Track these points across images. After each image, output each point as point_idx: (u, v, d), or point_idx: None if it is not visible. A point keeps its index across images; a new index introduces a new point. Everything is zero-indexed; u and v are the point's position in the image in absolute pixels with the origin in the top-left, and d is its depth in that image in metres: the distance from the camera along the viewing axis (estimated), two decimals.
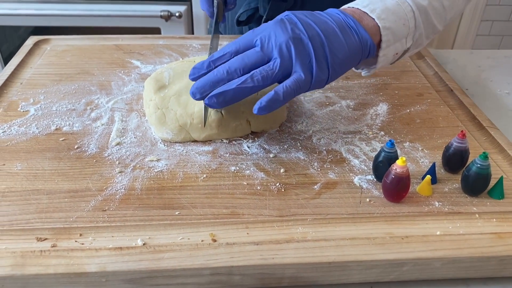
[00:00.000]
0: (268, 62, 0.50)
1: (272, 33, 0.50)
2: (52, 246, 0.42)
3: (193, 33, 1.57)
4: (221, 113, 0.56)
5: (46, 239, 0.43)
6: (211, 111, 0.56)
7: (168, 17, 1.48)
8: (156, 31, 1.52)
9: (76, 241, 0.43)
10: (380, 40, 0.54)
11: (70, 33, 0.87)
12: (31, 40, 0.82)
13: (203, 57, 0.66)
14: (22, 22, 1.56)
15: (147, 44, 0.83)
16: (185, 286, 0.42)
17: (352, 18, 0.53)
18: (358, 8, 0.55)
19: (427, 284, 0.45)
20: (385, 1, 0.55)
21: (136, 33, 0.88)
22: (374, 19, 0.54)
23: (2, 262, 0.40)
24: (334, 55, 0.51)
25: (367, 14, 0.54)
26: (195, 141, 0.57)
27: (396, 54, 0.57)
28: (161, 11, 1.47)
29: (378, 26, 0.54)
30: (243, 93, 0.49)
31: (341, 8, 0.57)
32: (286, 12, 0.53)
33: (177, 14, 1.48)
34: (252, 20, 0.90)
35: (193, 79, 0.52)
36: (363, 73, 0.61)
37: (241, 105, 0.56)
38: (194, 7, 1.52)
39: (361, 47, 0.53)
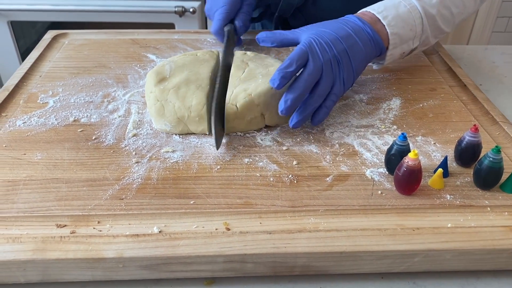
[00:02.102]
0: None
1: (317, 53, 0.57)
2: (71, 233, 0.43)
3: (206, 29, 1.58)
4: (236, 106, 0.57)
5: (65, 225, 0.44)
6: (226, 106, 0.57)
7: (182, 12, 1.49)
8: (170, 26, 1.53)
9: (94, 228, 0.44)
10: (388, 43, 0.63)
11: (86, 28, 0.88)
12: (50, 34, 0.84)
13: (207, 51, 0.67)
14: (39, 18, 1.58)
15: (163, 39, 0.84)
16: (199, 273, 0.43)
17: (369, 26, 0.61)
18: (374, 14, 0.63)
19: (438, 275, 0.45)
20: (397, 8, 0.64)
21: (151, 29, 0.89)
22: (384, 25, 0.62)
23: (24, 247, 0.42)
24: (357, 63, 0.59)
25: (380, 20, 0.62)
26: (209, 133, 0.58)
27: (403, 53, 0.67)
28: (175, 7, 1.48)
29: (387, 31, 0.62)
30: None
31: (359, 12, 0.65)
32: (318, 34, 0.59)
33: (191, 10, 1.49)
34: (264, 16, 0.90)
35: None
36: (374, 66, 0.72)
37: (256, 99, 0.57)
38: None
39: (375, 51, 0.62)
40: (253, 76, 0.61)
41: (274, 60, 0.65)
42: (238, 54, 0.67)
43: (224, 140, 0.57)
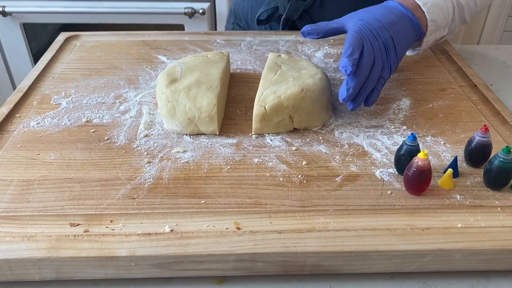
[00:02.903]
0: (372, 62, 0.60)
1: (368, 41, 0.60)
2: (85, 231, 0.44)
3: (216, 30, 1.59)
4: (265, 108, 0.57)
5: (78, 224, 0.45)
6: (255, 107, 0.58)
7: (191, 14, 1.50)
8: (180, 27, 1.54)
9: (107, 227, 0.45)
10: (426, 29, 0.67)
11: (96, 30, 0.89)
12: (62, 36, 0.86)
13: (217, 53, 0.68)
14: (50, 20, 1.60)
15: (173, 40, 0.85)
16: (210, 271, 0.44)
17: (411, 12, 0.64)
18: (414, 0, 0.66)
19: (448, 275, 0.45)
20: None
21: (160, 30, 0.90)
22: (424, 12, 0.66)
23: (39, 245, 0.43)
24: (400, 48, 0.62)
25: (420, 6, 0.66)
26: (220, 134, 0.59)
27: (436, 40, 0.71)
28: (185, 8, 1.49)
29: (426, 18, 0.66)
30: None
31: None
32: (365, 20, 0.61)
33: (200, 11, 1.50)
34: (272, 19, 0.91)
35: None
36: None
37: (285, 101, 0.57)
38: (217, 4, 1.54)
39: (415, 36, 0.66)
40: (284, 79, 0.61)
41: (307, 63, 0.66)
42: (272, 56, 0.68)
43: (234, 141, 0.58)
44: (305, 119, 0.59)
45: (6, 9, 1.51)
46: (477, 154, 0.52)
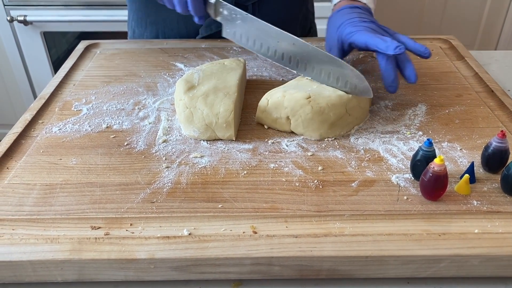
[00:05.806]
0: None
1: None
2: (105, 234, 0.45)
3: None
4: (268, 101, 0.61)
5: (99, 227, 0.46)
6: (263, 97, 0.62)
7: None
8: None
9: (127, 230, 0.46)
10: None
11: (114, 38, 0.91)
12: (82, 45, 0.88)
13: (234, 60, 0.69)
14: (70, 28, 1.64)
15: (190, 48, 0.87)
16: (227, 274, 0.44)
17: (369, 10, 0.73)
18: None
19: (465, 281, 0.45)
20: None
21: (177, 38, 0.91)
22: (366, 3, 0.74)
23: (62, 247, 0.44)
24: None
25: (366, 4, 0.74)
26: (236, 139, 0.60)
27: None
28: None
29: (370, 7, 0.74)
30: None
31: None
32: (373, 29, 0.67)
33: None
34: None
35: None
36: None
37: (286, 101, 0.60)
38: None
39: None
40: (299, 86, 0.63)
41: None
42: None
43: (250, 146, 0.59)
44: (301, 125, 0.59)
45: (27, 18, 1.56)
46: (494, 159, 0.52)
